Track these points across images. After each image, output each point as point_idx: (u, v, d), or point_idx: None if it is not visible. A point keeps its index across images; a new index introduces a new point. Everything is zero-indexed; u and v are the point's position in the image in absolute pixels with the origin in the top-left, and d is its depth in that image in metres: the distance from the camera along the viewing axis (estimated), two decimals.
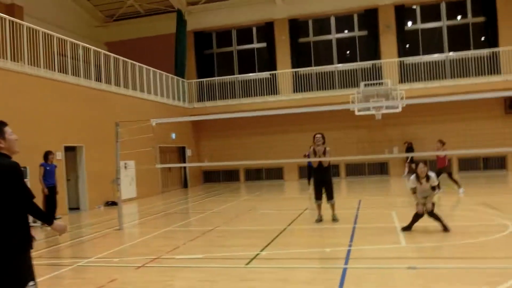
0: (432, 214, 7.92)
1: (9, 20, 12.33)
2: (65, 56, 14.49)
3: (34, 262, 6.99)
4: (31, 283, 3.44)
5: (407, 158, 20.13)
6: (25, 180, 3.76)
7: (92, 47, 15.88)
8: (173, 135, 20.01)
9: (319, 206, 9.60)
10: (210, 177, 23.62)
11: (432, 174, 8.02)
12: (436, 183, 8.05)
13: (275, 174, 22.73)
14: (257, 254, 7.02)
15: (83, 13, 23.00)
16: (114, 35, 24.12)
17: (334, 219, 9.46)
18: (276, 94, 21.82)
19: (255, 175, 23.02)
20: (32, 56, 13.03)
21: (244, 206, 13.58)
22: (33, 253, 7.92)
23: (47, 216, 3.67)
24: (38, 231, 10.78)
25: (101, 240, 9.24)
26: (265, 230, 9.17)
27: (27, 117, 12.39)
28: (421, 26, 21.81)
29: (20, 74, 12.46)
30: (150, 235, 9.33)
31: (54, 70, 13.88)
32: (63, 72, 14.29)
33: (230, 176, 23.28)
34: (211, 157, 22.69)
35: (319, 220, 9.51)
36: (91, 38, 21.72)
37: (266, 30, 23.02)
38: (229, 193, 18.13)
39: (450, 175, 13.47)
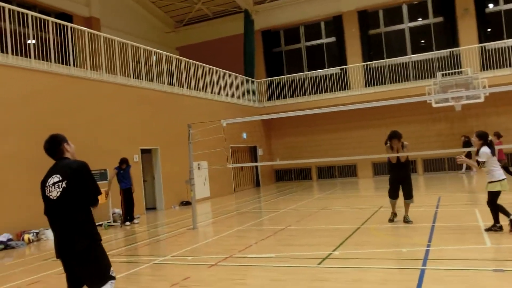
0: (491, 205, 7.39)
1: (88, 32, 13.09)
2: (139, 62, 15.13)
3: (115, 259, 7.32)
4: (111, 269, 3.77)
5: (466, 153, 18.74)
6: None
7: (164, 52, 16.44)
8: (244, 135, 20.21)
9: (394, 205, 9.15)
10: (282, 175, 23.59)
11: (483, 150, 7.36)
12: (481, 159, 7.33)
13: (348, 171, 22.22)
14: (330, 254, 6.83)
15: (155, 21, 23.91)
16: (184, 40, 24.86)
17: (407, 221, 8.87)
18: (347, 89, 21.31)
19: (327, 172, 22.66)
20: (109, 64, 13.74)
21: (316, 205, 13.37)
22: (114, 251, 8.28)
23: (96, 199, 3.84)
24: (118, 230, 11.34)
25: (176, 239, 9.50)
26: (338, 229, 8.93)
27: (106, 122, 13.09)
28: (504, 7, 20.22)
29: (99, 83, 13.18)
30: (223, 234, 9.44)
31: (129, 77, 14.54)
32: (138, 78, 14.93)
33: (302, 174, 23.10)
34: (281, 156, 22.63)
35: (393, 219, 9.07)
36: (162, 44, 22.53)
37: (335, 24, 22.56)
38: (301, 192, 17.97)
39: (506, 169, 12.54)
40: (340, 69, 21.66)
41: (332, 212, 11.60)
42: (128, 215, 12.06)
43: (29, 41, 11.35)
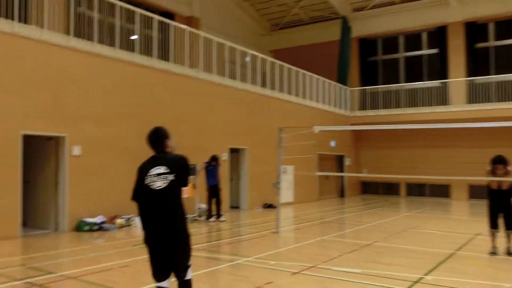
0: None
1: (189, 31, 13.55)
2: (234, 63, 15.38)
3: (197, 254, 7.37)
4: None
5: None
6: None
7: (259, 55, 16.58)
8: (333, 143, 19.77)
9: (494, 236, 8.27)
10: (368, 188, 22.78)
11: None
12: None
13: (440, 191, 20.86)
14: (421, 278, 6.34)
15: (251, 23, 24.27)
16: (278, 43, 24.95)
17: (510, 253, 8.04)
18: (447, 104, 20.05)
19: (417, 190, 21.47)
20: (206, 62, 14.11)
21: (404, 223, 12.66)
22: (196, 246, 8.38)
23: None
24: (202, 225, 11.53)
25: (259, 241, 9.44)
26: (428, 252, 8.32)
27: (198, 119, 13.45)
28: None
29: (196, 80, 13.58)
30: (306, 242, 9.21)
31: (225, 76, 14.84)
32: (232, 78, 15.19)
33: (389, 189, 22.12)
34: (369, 168, 21.84)
35: (493, 252, 8.17)
36: (257, 46, 22.79)
37: (438, 35, 21.35)
38: (388, 207, 17.18)
39: None
40: (441, 82, 20.45)
41: (422, 233, 10.88)
42: (216, 212, 12.22)
43: (133, 37, 11.99)
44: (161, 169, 3.89)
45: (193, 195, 12.13)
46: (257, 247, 8.68)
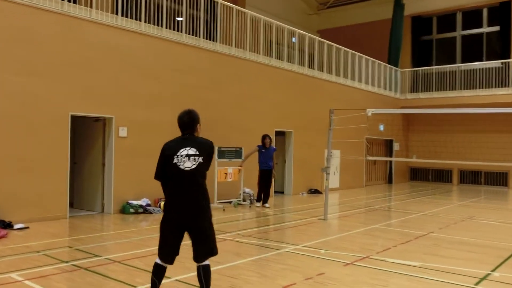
0: None
1: (236, 9, 13.14)
2: (281, 44, 14.88)
3: (244, 240, 7.04)
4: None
5: None
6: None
7: (307, 34, 15.98)
8: (381, 127, 18.97)
9: None
10: (418, 174, 21.85)
11: None
12: None
13: (497, 179, 19.70)
14: (488, 275, 5.78)
15: (298, 2, 23.54)
16: (326, 23, 24.13)
17: None
18: (508, 86, 18.73)
19: (471, 177, 20.38)
20: (253, 43, 13.71)
21: (460, 212, 11.91)
22: (242, 231, 8.07)
23: None
24: (247, 210, 11.27)
25: (306, 228, 9.07)
26: (491, 246, 7.68)
27: (244, 100, 13.12)
28: None
29: (242, 60, 13.20)
30: (355, 231, 8.76)
31: (271, 57, 14.39)
32: (279, 59, 14.71)
33: (440, 176, 21.12)
34: (419, 153, 20.89)
35: None
36: (304, 26, 22.06)
37: (501, 11, 19.90)
38: (439, 195, 16.35)
39: None
40: (502, 63, 19.10)
41: (483, 224, 10.16)
42: (263, 197, 11.86)
43: (179, 18, 11.72)
44: (191, 151, 4.01)
45: (237, 178, 11.88)
46: (304, 235, 8.32)
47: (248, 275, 5.51)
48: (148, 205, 10.26)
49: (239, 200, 12.10)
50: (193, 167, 3.97)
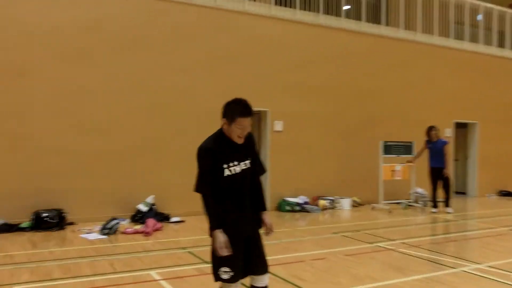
0: None
1: None
2: (461, 24, 12.73)
3: (413, 252, 5.68)
4: None
5: None
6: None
7: (496, 7, 13.41)
8: None
9: None
10: None
11: None
12: None
13: None
14: None
15: None
16: None
17: None
18: None
19: None
20: (426, 23, 11.99)
21: None
22: (411, 240, 6.79)
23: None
24: (418, 213, 9.75)
25: (493, 240, 7.27)
26: None
27: (415, 88, 11.58)
28: None
29: (412, 43, 11.65)
30: None
31: (448, 37, 12.41)
32: (459, 39, 12.61)
33: None
34: None
35: None
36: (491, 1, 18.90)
37: None
38: None
39: None
40: None
41: None
42: (445, 200, 9.95)
43: (346, 7, 10.79)
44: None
45: (407, 177, 10.42)
46: (491, 250, 6.60)
47: None
48: (306, 203, 9.60)
49: (410, 202, 10.60)
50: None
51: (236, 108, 2.93)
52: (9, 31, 7.32)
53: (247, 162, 3.07)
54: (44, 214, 6.94)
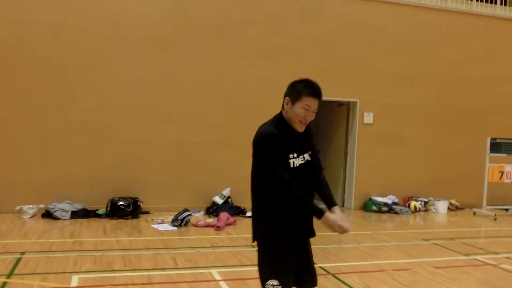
0: None
1: None
2: None
3: None
4: None
5: None
6: None
7: None
8: None
9: None
10: None
11: None
12: None
13: None
14: None
15: None
16: None
17: None
18: None
19: None
20: None
21: None
22: None
23: None
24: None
25: None
26: None
27: None
28: None
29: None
30: None
31: None
32: None
33: None
34: None
35: None
36: None
37: None
38: None
39: None
40: None
41: None
42: None
43: None
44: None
45: None
46: None
47: None
48: (395, 203, 8.74)
49: None
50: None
51: (305, 87, 2.44)
52: (93, 19, 7.43)
53: (306, 155, 2.56)
54: (120, 202, 6.97)
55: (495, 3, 9.91)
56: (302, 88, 2.42)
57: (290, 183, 2.38)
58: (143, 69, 7.65)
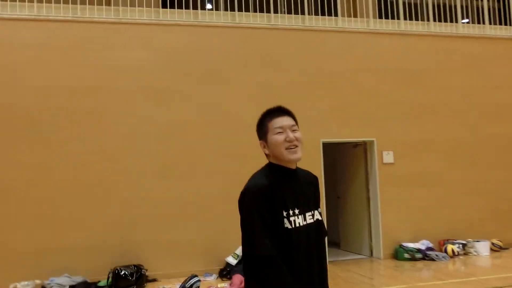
0: None
1: None
2: None
3: None
4: None
5: None
6: None
7: None
8: None
9: None
10: None
11: None
12: None
13: None
14: None
15: None
16: None
17: None
18: None
19: None
20: None
21: None
22: None
23: None
24: None
25: None
26: None
27: None
28: None
29: None
30: None
31: None
32: None
33: None
34: None
35: None
36: None
37: None
38: None
39: None
40: None
41: None
42: None
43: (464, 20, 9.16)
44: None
45: None
46: None
47: None
48: (429, 248, 7.85)
49: None
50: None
51: (264, 116, 1.99)
52: (91, 69, 7.10)
53: (317, 212, 1.97)
54: (123, 272, 6.31)
55: (510, 24, 9.39)
56: (263, 120, 2.00)
57: (275, 259, 1.71)
58: (142, 118, 7.21)
